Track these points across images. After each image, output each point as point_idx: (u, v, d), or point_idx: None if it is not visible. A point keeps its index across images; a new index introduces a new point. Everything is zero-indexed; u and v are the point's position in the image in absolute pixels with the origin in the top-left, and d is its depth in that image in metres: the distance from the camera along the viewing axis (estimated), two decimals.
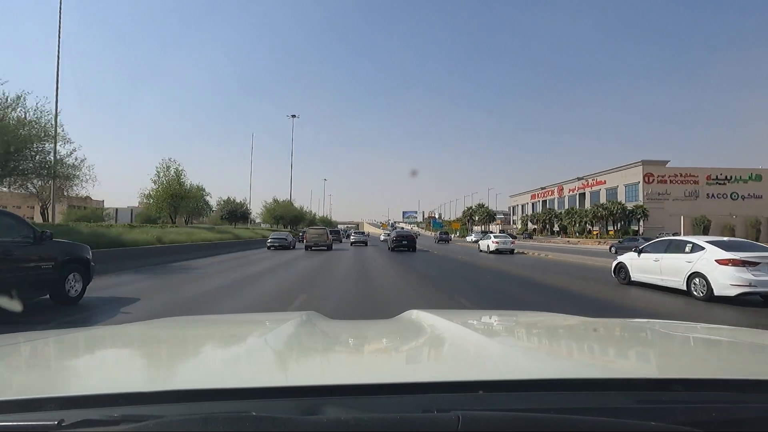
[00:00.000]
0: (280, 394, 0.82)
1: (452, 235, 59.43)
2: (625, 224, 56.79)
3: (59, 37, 22.49)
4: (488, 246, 27.90)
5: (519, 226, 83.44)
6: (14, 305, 5.52)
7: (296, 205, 70.63)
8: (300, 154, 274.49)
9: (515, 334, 1.91)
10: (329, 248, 28.00)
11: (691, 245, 9.12)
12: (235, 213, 52.98)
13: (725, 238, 9.56)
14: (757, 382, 0.96)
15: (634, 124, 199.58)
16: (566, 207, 71.94)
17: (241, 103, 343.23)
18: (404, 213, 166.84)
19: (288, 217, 62.43)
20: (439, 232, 61.98)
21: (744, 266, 7.96)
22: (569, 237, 59.86)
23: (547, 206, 78.64)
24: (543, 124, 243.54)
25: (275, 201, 63.70)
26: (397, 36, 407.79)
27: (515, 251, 27.61)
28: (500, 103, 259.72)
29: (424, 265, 17.49)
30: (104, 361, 1.34)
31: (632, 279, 10.51)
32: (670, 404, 0.83)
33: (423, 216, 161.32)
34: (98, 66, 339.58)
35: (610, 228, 57.37)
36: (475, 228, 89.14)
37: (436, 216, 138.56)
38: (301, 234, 36.19)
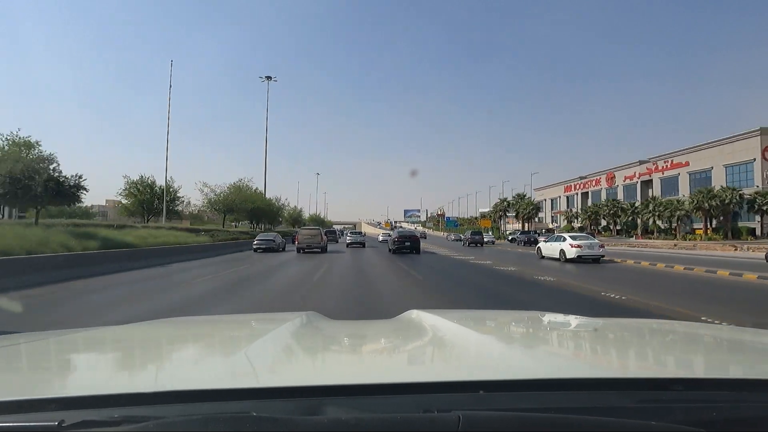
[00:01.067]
0: (281, 395, 0.82)
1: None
2: (731, 220, 39.07)
3: None
4: (563, 252, 18.52)
5: (561, 224, 65.42)
6: (14, 306, 6.07)
7: (265, 196, 46.77)
8: (298, 155, 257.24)
9: (515, 333, 1.88)
10: (323, 250, 24.30)
11: None
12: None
13: None
14: (758, 381, 0.94)
15: (634, 123, 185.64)
16: (621, 198, 54.54)
17: (241, 104, 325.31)
18: (406, 212, 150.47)
19: (245, 210, 41.55)
20: (470, 231, 44.53)
21: None
22: (653, 237, 42.10)
23: (591, 199, 61.38)
24: (543, 123, 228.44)
25: (233, 187, 41.17)
26: (396, 35, 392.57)
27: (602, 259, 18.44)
28: (500, 102, 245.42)
29: (475, 294, 9.43)
30: (105, 362, 1.34)
31: None
32: (670, 404, 0.82)
33: (426, 214, 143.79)
34: (96, 66, 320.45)
35: (696, 224, 39.87)
36: (509, 226, 70.45)
37: (443, 213, 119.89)
38: (295, 234, 30.17)
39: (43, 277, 10.11)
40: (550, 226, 67.91)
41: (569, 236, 19.73)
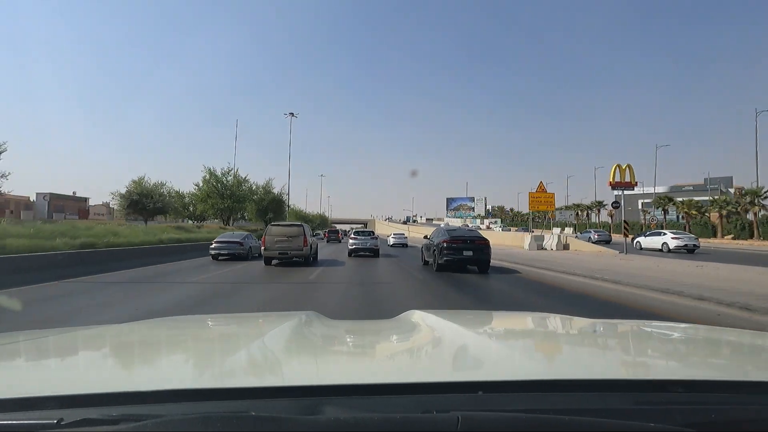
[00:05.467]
0: (280, 394, 0.82)
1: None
2: None
3: None
4: None
5: None
6: (14, 304, 6.02)
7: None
8: (303, 152, 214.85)
9: (515, 334, 1.89)
10: (309, 260, 15.69)
11: None
12: None
13: None
14: (756, 383, 0.94)
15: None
16: None
17: (249, 107, 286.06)
18: (450, 201, 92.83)
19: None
20: None
21: None
22: None
23: None
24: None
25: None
26: (425, 26, 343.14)
27: None
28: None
29: None
30: (104, 360, 1.33)
31: None
32: (668, 405, 0.82)
33: (485, 204, 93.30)
34: (93, 72, 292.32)
35: None
36: None
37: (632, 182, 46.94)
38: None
39: None
40: None
41: None
